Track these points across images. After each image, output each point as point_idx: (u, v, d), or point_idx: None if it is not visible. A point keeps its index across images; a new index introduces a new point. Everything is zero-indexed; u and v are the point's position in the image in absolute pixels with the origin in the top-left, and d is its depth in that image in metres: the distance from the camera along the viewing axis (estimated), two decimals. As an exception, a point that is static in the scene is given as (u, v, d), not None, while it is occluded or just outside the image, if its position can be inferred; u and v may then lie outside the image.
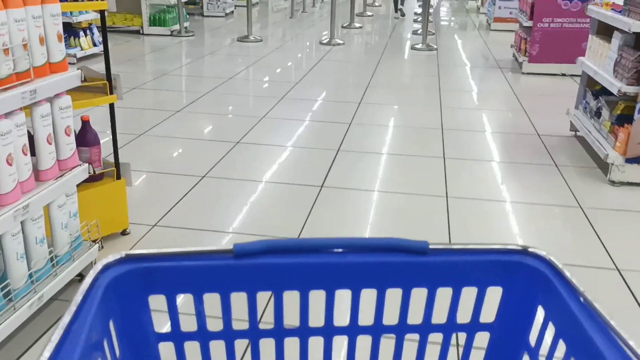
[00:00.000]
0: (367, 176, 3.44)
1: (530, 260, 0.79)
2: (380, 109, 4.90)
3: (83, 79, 2.00)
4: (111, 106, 2.46)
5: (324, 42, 7.99)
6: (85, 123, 2.41)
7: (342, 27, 9.58)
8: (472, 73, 6.50)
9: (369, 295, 0.80)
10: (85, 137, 2.41)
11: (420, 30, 8.99)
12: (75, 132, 2.32)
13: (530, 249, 0.80)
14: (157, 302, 0.81)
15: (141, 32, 8.25)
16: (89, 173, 2.33)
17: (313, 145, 3.97)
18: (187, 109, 4.72)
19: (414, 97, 5.39)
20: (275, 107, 4.83)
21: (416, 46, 7.76)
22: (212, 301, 0.80)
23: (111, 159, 2.56)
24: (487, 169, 3.63)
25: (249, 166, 3.55)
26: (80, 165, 2.06)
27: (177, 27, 8.34)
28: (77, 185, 2.27)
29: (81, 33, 6.30)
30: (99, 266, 0.73)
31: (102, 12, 2.38)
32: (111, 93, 2.40)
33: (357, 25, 9.71)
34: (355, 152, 3.85)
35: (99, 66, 6.36)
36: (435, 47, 7.81)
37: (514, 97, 5.39)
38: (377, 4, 13.26)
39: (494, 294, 0.83)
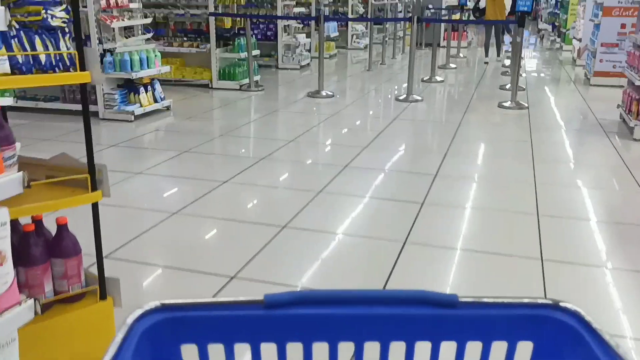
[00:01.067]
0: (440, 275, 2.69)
1: (560, 315, 0.79)
2: (458, 187, 4.13)
3: (26, 185, 1.43)
4: (94, 206, 1.88)
5: (401, 98, 7.34)
6: (62, 227, 1.85)
7: (422, 80, 8.91)
8: (571, 138, 5.60)
9: (398, 348, 0.82)
10: (60, 245, 1.84)
11: (509, 85, 8.17)
12: (47, 237, 1.77)
13: (560, 303, 0.80)
14: (189, 352, 0.81)
15: (210, 85, 7.95)
16: (65, 291, 1.76)
17: (374, 235, 3.27)
18: (235, 179, 4.17)
19: (501, 169, 4.58)
20: (335, 180, 4.18)
21: (504, 104, 6.94)
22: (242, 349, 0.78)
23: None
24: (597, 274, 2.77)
25: (302, 252, 2.90)
26: (19, 303, 1.47)
27: (247, 81, 7.99)
28: (46, 310, 1.70)
29: (141, 89, 6.00)
30: (134, 315, 0.75)
31: (82, 86, 1.84)
32: (94, 189, 1.83)
33: (439, 78, 9.01)
34: (425, 245, 3.11)
35: (160, 123, 6.09)
36: (526, 105, 6.95)
37: (625, 170, 4.46)
38: (461, 55, 12.54)
39: (524, 349, 0.82)
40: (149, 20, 6.27)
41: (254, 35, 9.24)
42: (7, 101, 4.42)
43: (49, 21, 1.81)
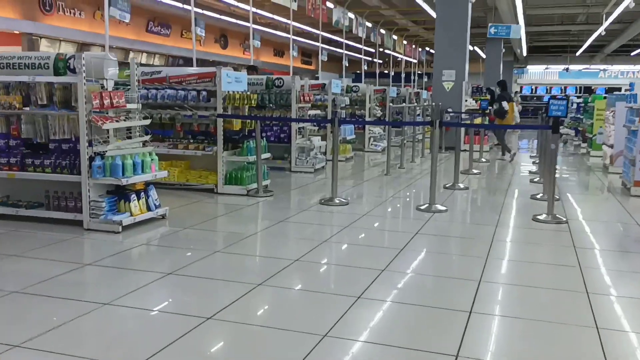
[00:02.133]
0: None
1: None
2: (498, 337, 3.31)
3: None
4: None
5: (423, 207, 6.64)
6: None
7: (445, 187, 8.25)
8: (626, 262, 4.79)
9: None
10: None
11: (542, 194, 7.46)
12: None
13: None
14: None
15: (215, 190, 7.36)
16: None
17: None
18: (221, 314, 3.39)
19: (549, 308, 3.75)
20: (345, 318, 3.38)
21: (539, 217, 6.18)
22: None
23: None
24: None
25: None
26: None
27: (255, 185, 7.40)
28: None
29: (133, 196, 5.38)
30: None
31: None
32: None
33: (462, 185, 8.34)
34: None
35: (151, 235, 5.40)
36: (564, 219, 6.18)
37: None
38: (483, 159, 11.98)
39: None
40: (146, 122, 5.77)
41: (265, 138, 8.79)
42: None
43: None
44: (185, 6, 10.60)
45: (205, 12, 17.98)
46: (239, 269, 4.40)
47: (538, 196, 7.51)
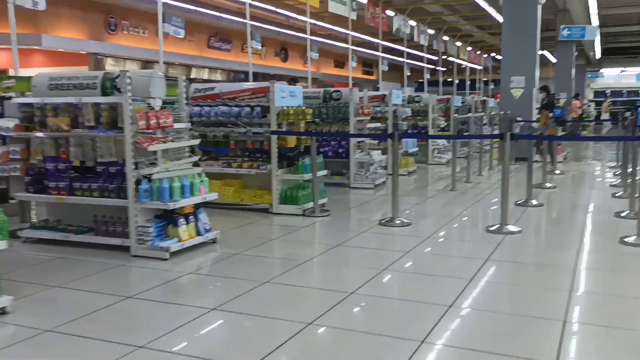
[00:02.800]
0: None
1: None
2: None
3: None
4: None
5: (493, 229, 6.06)
6: None
7: (516, 204, 7.60)
8: None
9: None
10: None
11: (627, 212, 6.72)
12: None
13: None
14: None
15: (270, 210, 7.05)
16: None
17: None
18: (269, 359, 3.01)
19: (652, 352, 3.15)
20: (408, 367, 2.92)
21: (628, 239, 5.49)
22: None
23: None
24: None
25: None
26: None
27: (311, 204, 7.03)
28: None
29: (181, 220, 5.12)
30: None
31: None
32: None
33: (535, 202, 7.67)
34: None
35: (199, 261, 5.13)
36: (658, 241, 5.46)
37: None
38: (557, 171, 11.15)
39: None
40: (195, 142, 5.52)
41: (322, 153, 8.44)
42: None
43: None
44: (246, 21, 10.44)
45: (264, 25, 17.94)
46: (289, 303, 4.02)
47: (623, 214, 6.77)
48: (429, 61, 23.24)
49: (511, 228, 6.03)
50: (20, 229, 5.62)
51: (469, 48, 25.77)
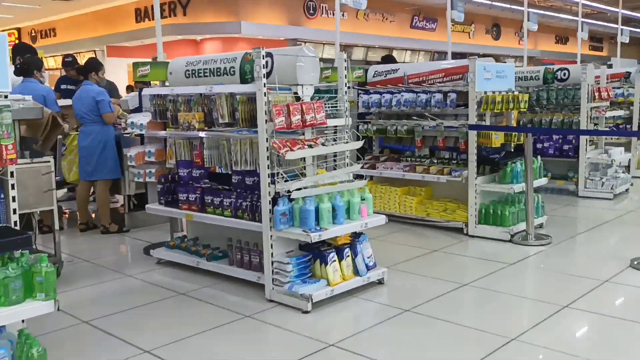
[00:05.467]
0: None
1: None
2: None
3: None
4: None
5: None
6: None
7: None
8: None
9: None
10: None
11: None
12: None
13: None
14: None
15: (465, 231, 5.29)
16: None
17: None
18: None
19: None
20: None
21: None
22: None
23: None
24: None
25: None
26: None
27: (523, 226, 5.12)
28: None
29: (332, 255, 3.66)
30: None
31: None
32: None
33: None
34: None
35: (350, 317, 2.38)
36: None
37: None
38: None
39: None
40: (357, 145, 3.99)
41: (540, 152, 6.40)
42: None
43: None
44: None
45: (472, -1, 15.78)
46: None
47: None
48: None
49: None
50: (159, 244, 4.76)
51: None
